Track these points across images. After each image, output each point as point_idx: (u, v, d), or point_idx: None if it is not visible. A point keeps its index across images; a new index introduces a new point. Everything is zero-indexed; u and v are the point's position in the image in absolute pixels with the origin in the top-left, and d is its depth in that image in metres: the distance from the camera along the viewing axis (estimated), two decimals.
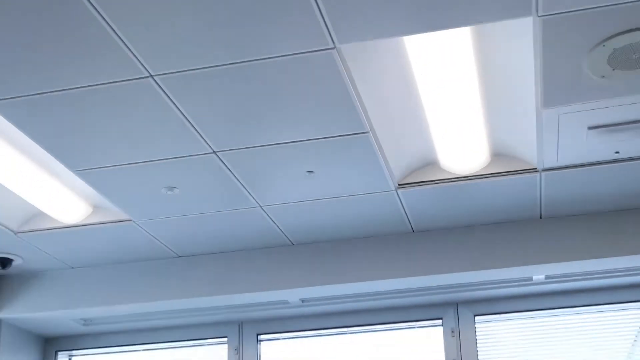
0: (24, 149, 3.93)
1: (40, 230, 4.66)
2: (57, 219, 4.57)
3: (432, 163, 4.19)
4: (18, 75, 3.18)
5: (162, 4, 2.80)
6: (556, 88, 3.33)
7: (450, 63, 3.31)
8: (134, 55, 3.08)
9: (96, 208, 4.59)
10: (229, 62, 3.15)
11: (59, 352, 5.78)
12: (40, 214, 4.61)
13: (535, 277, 4.79)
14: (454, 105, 3.59)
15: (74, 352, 5.80)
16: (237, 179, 4.11)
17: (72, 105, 3.41)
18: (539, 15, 2.89)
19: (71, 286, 5.21)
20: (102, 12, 2.83)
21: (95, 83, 3.26)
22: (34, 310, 5.22)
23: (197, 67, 3.17)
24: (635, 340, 4.92)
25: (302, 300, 5.11)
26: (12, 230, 4.64)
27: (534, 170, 4.12)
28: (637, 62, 3.13)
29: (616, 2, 2.83)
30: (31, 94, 3.31)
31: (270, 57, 3.12)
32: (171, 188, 4.19)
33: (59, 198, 4.38)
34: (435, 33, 3.10)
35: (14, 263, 5.05)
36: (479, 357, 5.06)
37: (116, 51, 3.05)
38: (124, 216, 4.56)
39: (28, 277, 5.30)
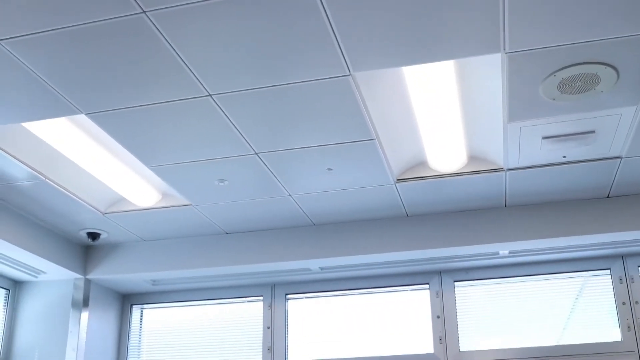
0: (111, 149, 3.97)
1: (121, 212, 4.67)
2: (134, 203, 4.59)
3: (422, 163, 4.19)
4: (109, 94, 3.23)
5: (222, 38, 2.85)
6: (518, 107, 3.35)
7: (438, 87, 3.33)
8: (196, 77, 3.12)
9: (164, 195, 4.60)
10: (268, 85, 3.18)
11: (134, 306, 5.76)
12: (122, 199, 4.62)
13: (501, 252, 4.79)
14: (440, 119, 3.60)
15: (145, 306, 5.78)
16: (273, 174, 4.11)
17: (147, 117, 3.45)
18: (506, 52, 2.92)
19: (144, 255, 5.21)
20: (170, 42, 2.88)
21: (165, 100, 3.30)
22: (115, 273, 5.22)
23: (245, 88, 3.20)
24: (575, 300, 4.93)
25: (321, 268, 5.10)
26: (100, 212, 4.66)
27: (501, 169, 4.12)
28: (580, 88, 3.16)
29: (564, 43, 2.87)
30: (118, 108, 3.36)
31: (300, 82, 3.15)
32: (222, 180, 4.19)
33: (136, 187, 4.39)
34: (427, 65, 3.13)
35: (101, 237, 5.07)
36: (457, 313, 5.06)
37: (181, 74, 3.10)
38: (186, 202, 4.55)
39: (111, 248, 5.30)
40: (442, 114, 3.56)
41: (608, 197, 4.53)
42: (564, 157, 3.95)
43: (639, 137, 3.72)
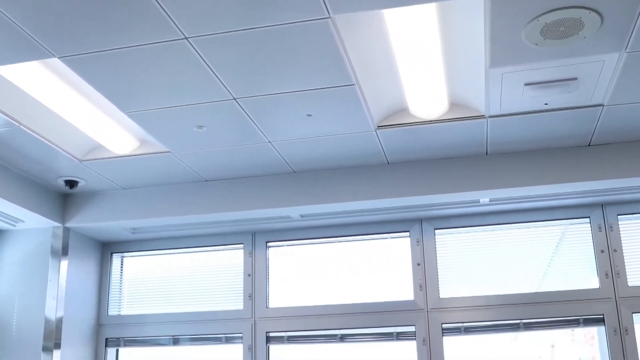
0: (87, 95, 3.91)
1: (99, 159, 4.64)
2: (112, 150, 4.56)
3: (403, 109, 4.17)
4: (82, 37, 3.16)
5: None
6: (500, 53, 3.31)
7: (420, 32, 3.29)
8: (172, 19, 3.06)
9: (142, 142, 4.57)
10: (247, 27, 3.13)
11: (113, 254, 5.77)
12: (99, 146, 4.58)
13: (481, 200, 4.80)
14: (422, 64, 3.57)
15: (125, 254, 5.78)
16: (252, 120, 4.08)
17: (122, 61, 3.39)
18: None
19: (123, 203, 5.19)
20: None
21: (140, 43, 3.24)
22: (94, 221, 5.20)
23: (223, 31, 3.15)
24: (555, 248, 4.98)
25: (302, 216, 5.10)
26: (77, 159, 4.62)
27: (482, 116, 4.10)
28: (563, 33, 3.13)
29: None
30: (93, 51, 3.29)
31: (279, 24, 3.10)
32: (200, 127, 4.15)
33: (114, 134, 4.35)
34: (409, 7, 3.08)
35: (79, 184, 5.04)
36: (437, 261, 5.10)
37: (156, 16, 3.04)
38: (164, 149, 4.53)
39: (90, 196, 5.26)
40: (423, 59, 3.53)
41: (589, 145, 4.54)
42: (546, 104, 3.94)
43: (621, 85, 3.71)
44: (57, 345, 5.06)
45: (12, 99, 3.87)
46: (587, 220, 4.96)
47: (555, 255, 4.96)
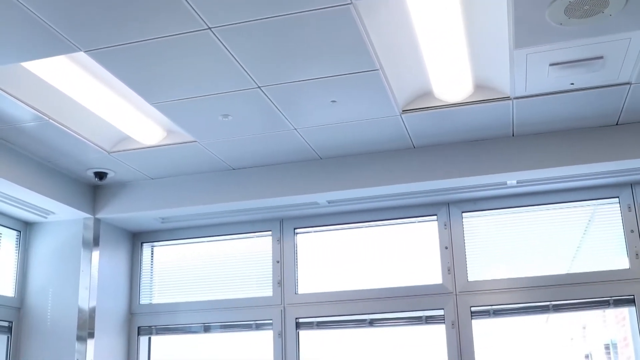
0: (114, 87, 3.95)
1: (127, 150, 4.68)
2: (139, 141, 4.60)
3: (428, 93, 4.16)
4: (108, 30, 3.20)
5: None
6: (525, 33, 3.28)
7: (442, 13, 3.27)
8: (195, 10, 3.08)
9: (169, 132, 4.59)
10: (270, 16, 3.14)
11: (144, 244, 5.82)
12: (127, 138, 4.62)
13: (508, 182, 4.78)
14: (446, 47, 3.55)
15: (155, 243, 5.83)
16: (277, 108, 4.09)
17: (147, 53, 3.42)
18: None
19: (152, 193, 5.23)
20: None
21: (164, 35, 3.26)
22: (124, 211, 5.26)
23: (245, 20, 3.16)
24: (584, 229, 4.95)
25: (329, 202, 5.10)
26: (106, 151, 4.67)
27: (508, 98, 4.08)
28: (587, 12, 3.09)
29: None
30: (118, 44, 3.33)
31: (301, 12, 3.11)
32: (226, 116, 4.17)
33: (141, 125, 4.39)
34: None
35: (108, 176, 5.09)
36: (465, 244, 5.08)
37: (179, 7, 3.05)
38: (190, 138, 4.55)
39: (119, 187, 5.32)
40: (446, 42, 3.51)
41: (617, 124, 4.49)
42: (572, 84, 3.91)
43: None
44: (91, 335, 5.14)
45: (40, 94, 3.93)
46: (617, 200, 4.92)
47: (584, 236, 4.92)
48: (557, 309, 4.83)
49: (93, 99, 3.99)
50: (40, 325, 5.21)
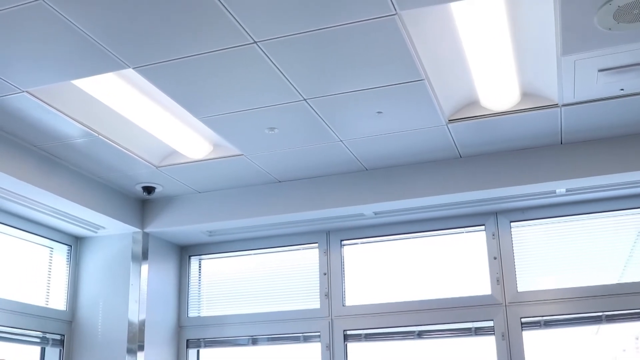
0: (161, 103, 3.99)
1: (174, 165, 4.72)
2: (186, 155, 4.63)
3: (474, 102, 4.13)
4: (155, 47, 3.23)
5: None
6: (573, 39, 3.25)
7: (488, 22, 3.25)
8: (240, 24, 3.10)
9: (215, 146, 4.63)
10: (314, 29, 3.15)
11: (191, 257, 5.87)
12: (174, 152, 4.66)
13: (557, 191, 4.71)
14: (492, 55, 3.53)
15: (203, 256, 5.87)
16: (323, 120, 4.10)
17: (194, 68, 3.45)
18: None
19: (199, 206, 5.28)
20: None
21: (210, 50, 3.29)
22: (172, 225, 5.31)
23: (290, 33, 3.18)
24: (636, 238, 4.86)
25: (375, 213, 5.09)
26: (154, 165, 4.72)
27: (556, 105, 4.03)
28: (637, 16, 3.05)
29: None
30: (165, 60, 3.36)
31: (346, 24, 3.12)
32: (272, 129, 4.19)
33: (188, 139, 4.42)
34: None
35: (156, 190, 5.15)
36: (514, 254, 5.02)
37: (225, 22, 3.08)
38: (237, 152, 4.57)
39: (167, 201, 5.37)
40: (492, 50, 3.49)
41: None
42: (622, 89, 3.85)
43: None
44: (141, 347, 5.19)
45: (89, 110, 4.00)
46: None
47: (635, 245, 4.82)
48: (610, 319, 4.74)
49: (141, 114, 4.04)
50: (91, 338, 5.27)
